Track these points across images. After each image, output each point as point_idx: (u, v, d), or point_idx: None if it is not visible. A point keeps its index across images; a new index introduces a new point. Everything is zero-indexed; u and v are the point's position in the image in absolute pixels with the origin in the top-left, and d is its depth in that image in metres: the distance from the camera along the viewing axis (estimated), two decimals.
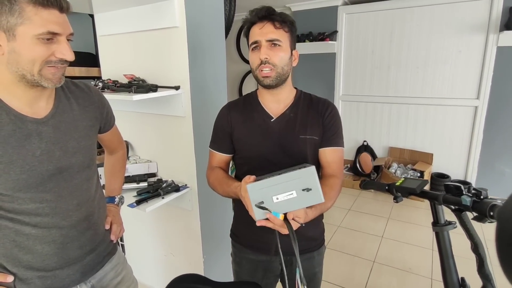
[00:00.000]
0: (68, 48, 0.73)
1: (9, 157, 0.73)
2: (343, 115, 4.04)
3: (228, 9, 2.03)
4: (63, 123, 0.83)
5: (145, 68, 1.58)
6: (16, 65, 0.69)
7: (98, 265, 0.94)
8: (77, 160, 0.85)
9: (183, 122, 1.51)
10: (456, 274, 0.79)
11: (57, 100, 0.83)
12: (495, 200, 0.65)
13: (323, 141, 1.02)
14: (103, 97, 0.98)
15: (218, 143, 1.10)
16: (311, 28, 3.88)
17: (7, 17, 0.65)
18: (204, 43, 1.51)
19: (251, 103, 1.07)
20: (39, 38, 0.68)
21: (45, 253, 0.81)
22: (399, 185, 0.83)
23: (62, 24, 0.71)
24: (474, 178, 3.40)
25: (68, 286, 0.86)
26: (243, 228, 1.12)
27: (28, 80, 0.72)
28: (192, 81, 1.45)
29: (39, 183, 0.77)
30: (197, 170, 1.54)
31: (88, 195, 0.89)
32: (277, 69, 0.95)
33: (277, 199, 0.76)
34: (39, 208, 0.78)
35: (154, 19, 1.45)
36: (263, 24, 0.93)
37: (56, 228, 0.82)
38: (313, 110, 1.04)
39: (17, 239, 0.78)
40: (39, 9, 0.67)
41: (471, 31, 3.14)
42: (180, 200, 1.57)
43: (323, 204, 0.88)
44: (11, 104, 0.74)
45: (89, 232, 0.89)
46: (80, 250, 0.87)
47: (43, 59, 0.70)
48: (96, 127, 0.95)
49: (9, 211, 0.75)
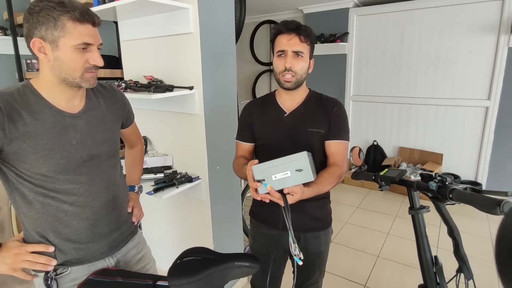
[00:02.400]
0: (99, 56, 0.88)
1: (52, 145, 0.87)
2: (353, 115, 4.11)
3: (238, 14, 2.17)
4: (93, 118, 0.97)
5: (163, 70, 1.74)
6: (60, 70, 0.84)
7: (122, 242, 1.07)
8: (104, 149, 0.99)
9: (196, 119, 1.66)
10: (430, 252, 0.89)
11: (88, 98, 0.98)
12: (457, 185, 0.75)
13: (329, 135, 1.15)
14: (124, 96, 1.13)
15: (242, 134, 1.27)
16: (323, 30, 3.96)
17: (52, 31, 0.80)
18: (216, 47, 1.65)
19: (269, 101, 1.24)
20: (76, 48, 0.82)
21: (79, 228, 0.94)
22: (383, 175, 0.94)
23: (94, 36, 0.85)
24: (484, 178, 3.40)
25: (98, 258, 1.00)
26: (259, 206, 1.27)
27: (68, 82, 0.86)
28: (204, 81, 1.59)
29: (75, 167, 0.91)
30: (208, 163, 1.68)
31: (114, 180, 1.03)
32: (297, 76, 1.11)
33: (275, 177, 0.93)
34: (75, 188, 0.92)
35: (171, 26, 1.60)
36: (291, 37, 1.08)
37: (89, 207, 0.95)
38: (321, 107, 1.18)
39: (57, 215, 0.91)
40: (77, 24, 0.81)
41: (482, 32, 3.15)
42: (193, 190, 1.72)
43: (320, 187, 1.03)
44: (52, 101, 0.88)
45: (115, 212, 1.03)
46: (108, 227, 1.00)
47: (82, 66, 0.85)
48: (119, 122, 1.09)
49: (51, 190, 0.89)
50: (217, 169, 1.75)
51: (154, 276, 0.97)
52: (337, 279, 2.19)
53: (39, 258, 0.90)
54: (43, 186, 0.88)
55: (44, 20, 0.79)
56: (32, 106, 0.84)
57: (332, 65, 4.05)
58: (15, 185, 0.88)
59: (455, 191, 0.73)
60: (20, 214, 0.92)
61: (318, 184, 1.02)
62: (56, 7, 0.79)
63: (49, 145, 0.86)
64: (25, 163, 0.84)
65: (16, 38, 2.50)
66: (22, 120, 0.82)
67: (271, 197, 0.95)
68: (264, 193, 0.96)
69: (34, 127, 0.84)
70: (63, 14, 0.79)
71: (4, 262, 0.87)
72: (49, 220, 0.91)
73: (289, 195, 0.94)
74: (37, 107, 0.85)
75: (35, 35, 0.81)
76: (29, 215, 0.90)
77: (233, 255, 0.90)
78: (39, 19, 0.79)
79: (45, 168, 0.86)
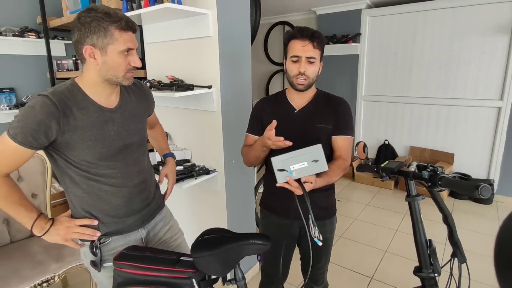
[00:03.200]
0: (138, 59, 1.01)
1: (95, 136, 1.00)
2: (365, 114, 4.17)
3: (254, 18, 2.29)
4: (127, 111, 1.10)
5: (183, 70, 1.89)
6: (106, 72, 0.97)
7: (151, 216, 1.22)
8: (136, 139, 1.13)
9: (214, 116, 1.79)
10: (424, 236, 0.99)
11: (122, 94, 1.10)
12: (446, 174, 0.85)
13: (335, 130, 1.26)
14: (150, 91, 1.29)
15: (252, 127, 1.37)
16: (335, 31, 4.04)
17: (102, 39, 0.93)
18: (232, 49, 1.78)
19: (280, 98, 1.34)
20: (121, 53, 0.96)
21: (117, 205, 1.09)
22: (383, 167, 1.04)
23: (134, 42, 0.99)
24: (497, 178, 3.40)
25: (132, 229, 1.16)
26: (270, 196, 1.38)
27: (111, 81, 1.00)
28: (222, 81, 1.72)
29: (113, 155, 1.05)
30: (224, 156, 1.82)
31: (144, 166, 1.18)
32: (309, 80, 1.21)
33: (293, 168, 1.03)
34: (113, 173, 1.06)
35: (191, 30, 1.74)
36: (306, 43, 1.16)
37: (125, 187, 1.10)
38: (328, 105, 1.28)
39: (99, 194, 1.06)
40: (122, 32, 0.94)
41: (495, 32, 3.16)
42: (209, 182, 1.85)
43: (329, 177, 1.14)
44: (94, 98, 1.01)
45: (145, 192, 1.18)
46: (140, 204, 1.16)
47: (125, 68, 0.99)
48: (147, 114, 1.24)
49: (94, 174, 1.04)
50: (232, 163, 1.88)
51: (178, 253, 1.11)
52: (345, 271, 2.28)
53: (86, 230, 1.05)
54: (87, 171, 1.03)
55: (96, 30, 0.92)
56: (79, 103, 0.98)
57: (344, 65, 4.12)
58: (64, 170, 1.03)
59: (444, 179, 0.83)
60: (68, 193, 1.07)
61: (328, 175, 1.12)
62: (105, 18, 0.91)
63: (93, 137, 1.00)
64: (74, 151, 0.99)
65: (49, 40, 2.70)
66: (72, 115, 0.96)
67: (288, 185, 1.04)
68: (282, 182, 1.05)
69: (81, 121, 0.98)
70: (111, 24, 0.92)
71: (58, 234, 1.02)
72: (93, 199, 1.07)
73: (306, 183, 1.03)
74: (83, 104, 0.99)
75: (86, 42, 0.94)
76: (76, 194, 1.06)
77: (248, 234, 1.02)
78: (91, 29, 0.92)
79: (89, 156, 1.01)
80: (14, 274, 1.53)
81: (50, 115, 0.91)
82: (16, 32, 2.67)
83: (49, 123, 0.91)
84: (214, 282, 1.05)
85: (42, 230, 1.01)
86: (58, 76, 2.75)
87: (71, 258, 1.70)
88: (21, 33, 2.69)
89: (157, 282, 1.01)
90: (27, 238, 1.84)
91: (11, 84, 2.80)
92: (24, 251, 1.70)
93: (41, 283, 1.57)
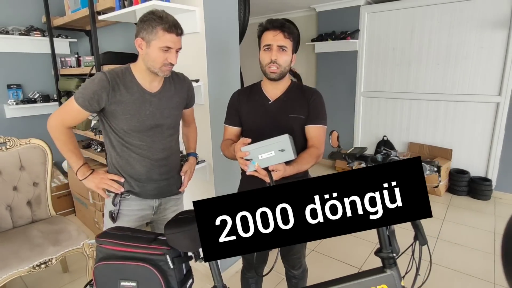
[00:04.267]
0: (175, 57, 1.21)
1: (133, 111, 1.24)
2: (364, 110, 4.18)
3: (242, 16, 2.35)
4: (164, 98, 1.32)
5: None
6: (147, 61, 1.20)
7: (167, 192, 1.42)
8: (167, 122, 1.33)
9: (202, 109, 1.87)
10: None
11: (164, 83, 1.33)
12: (397, 157, 0.90)
13: (308, 120, 1.31)
14: (191, 84, 1.47)
15: (230, 119, 1.43)
16: (334, 28, 4.07)
17: (148, 35, 1.16)
18: (220, 45, 1.85)
19: (255, 89, 1.40)
20: (160, 48, 1.17)
21: (140, 171, 1.32)
22: (348, 153, 1.09)
23: (175, 43, 1.19)
24: (495, 174, 3.39)
25: (148, 197, 1.36)
26: (246, 185, 1.46)
27: (151, 70, 1.22)
28: (209, 75, 1.80)
29: (144, 130, 1.28)
30: (212, 148, 1.89)
31: (170, 145, 1.38)
32: (281, 68, 1.26)
33: (261, 157, 1.09)
34: (141, 144, 1.29)
35: None
36: (276, 33, 1.23)
37: (148, 159, 1.32)
38: (302, 96, 1.33)
39: (128, 159, 1.30)
40: (165, 33, 1.16)
41: (493, 27, 3.15)
42: (199, 172, 1.93)
43: (300, 165, 1.19)
44: (140, 81, 1.25)
45: (165, 167, 1.37)
46: (158, 176, 1.36)
47: (162, 62, 1.19)
48: (184, 103, 1.43)
49: (127, 142, 1.28)
50: (220, 154, 1.95)
51: (156, 233, 1.19)
52: (333, 261, 2.33)
53: (114, 183, 1.31)
54: (122, 138, 1.28)
55: (146, 27, 1.16)
56: (127, 83, 1.23)
57: (343, 61, 4.14)
58: (107, 134, 1.30)
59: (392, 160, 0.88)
60: (108, 153, 1.35)
61: (298, 163, 1.18)
62: (156, 20, 1.15)
63: (131, 111, 1.24)
64: (115, 119, 1.25)
65: (53, 39, 2.84)
66: (119, 91, 1.21)
67: (258, 174, 1.10)
68: (252, 171, 1.12)
69: (125, 97, 1.22)
70: (159, 25, 1.15)
71: (93, 181, 1.29)
72: (123, 161, 1.32)
73: (274, 171, 1.09)
74: (130, 84, 1.24)
75: (139, 35, 1.19)
76: (112, 155, 1.32)
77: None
78: (144, 26, 1.16)
79: (126, 126, 1.26)
80: (14, 255, 1.65)
81: (103, 88, 1.18)
82: (22, 31, 2.81)
83: (101, 94, 1.18)
84: (189, 259, 1.13)
85: (83, 176, 1.29)
86: (62, 73, 2.88)
87: (68, 242, 1.81)
88: (27, 32, 2.83)
89: (135, 257, 1.09)
90: (28, 224, 1.97)
91: (18, 81, 2.95)
92: (24, 235, 1.81)
93: (39, 264, 1.68)
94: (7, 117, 2.92)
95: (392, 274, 0.98)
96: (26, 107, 2.90)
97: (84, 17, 2.36)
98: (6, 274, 1.58)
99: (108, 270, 1.07)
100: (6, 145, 1.91)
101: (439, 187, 3.40)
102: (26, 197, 1.97)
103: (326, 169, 4.42)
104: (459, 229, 2.80)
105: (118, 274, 1.06)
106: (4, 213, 1.89)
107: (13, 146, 1.93)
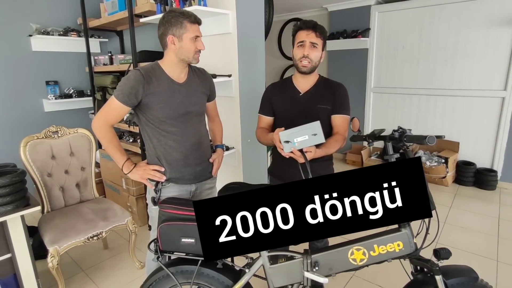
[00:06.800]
0: (202, 44, 1.37)
1: (166, 100, 1.37)
2: (374, 105, 4.37)
3: (267, 16, 2.56)
4: (191, 87, 1.45)
5: (207, 62, 2.19)
6: (181, 54, 1.35)
7: (202, 176, 1.55)
8: (195, 109, 1.46)
9: (233, 101, 2.09)
10: None
11: (189, 74, 1.46)
12: (410, 134, 1.12)
13: (333, 110, 1.50)
14: (211, 78, 1.60)
15: (264, 109, 1.59)
16: (345, 26, 4.26)
17: (179, 30, 1.31)
18: (249, 44, 2.07)
19: (287, 83, 1.57)
20: (191, 39, 1.32)
21: (177, 158, 1.44)
22: (368, 134, 1.29)
23: (199, 31, 1.36)
24: (500, 166, 3.54)
25: (186, 182, 1.49)
26: (277, 166, 1.63)
27: (184, 61, 1.37)
28: (240, 71, 2.02)
29: (177, 117, 1.40)
30: (241, 136, 2.12)
31: (200, 131, 1.51)
32: (312, 63, 1.45)
33: (296, 140, 1.27)
34: (175, 131, 1.41)
35: (214, 28, 2.05)
36: (309, 32, 1.41)
37: (183, 145, 1.44)
38: (328, 89, 1.52)
39: (165, 147, 1.42)
40: (192, 25, 1.32)
41: (499, 24, 3.30)
42: (228, 157, 2.16)
43: (327, 149, 1.37)
44: (169, 73, 1.39)
45: (199, 152, 1.50)
46: (194, 161, 1.49)
47: (194, 50, 1.35)
48: (207, 95, 1.55)
49: (162, 130, 1.40)
50: (248, 142, 2.18)
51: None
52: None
53: (156, 173, 1.42)
54: (158, 127, 1.40)
55: (175, 23, 1.30)
56: (158, 76, 1.37)
57: (354, 59, 4.33)
58: (144, 126, 1.42)
59: (407, 136, 1.09)
60: (147, 145, 1.46)
61: (326, 147, 1.36)
62: (180, 15, 1.31)
63: (164, 100, 1.37)
64: (151, 110, 1.37)
65: (88, 39, 3.08)
66: (152, 83, 1.34)
67: (293, 155, 1.25)
68: (288, 152, 1.29)
69: (158, 88, 1.35)
70: (185, 19, 1.31)
71: (137, 173, 1.41)
72: (161, 150, 1.43)
73: (307, 153, 1.28)
74: (160, 76, 1.37)
75: (169, 33, 1.32)
76: (150, 145, 1.44)
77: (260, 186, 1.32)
78: (171, 23, 1.30)
79: (161, 114, 1.38)
80: (71, 228, 1.89)
81: (139, 82, 1.31)
82: (61, 32, 3.07)
83: (137, 87, 1.31)
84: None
85: (128, 170, 1.40)
86: (96, 70, 3.13)
87: (114, 219, 2.06)
88: (64, 33, 3.08)
89: (191, 219, 1.31)
90: (77, 203, 2.22)
91: (56, 78, 3.21)
92: (77, 212, 2.06)
93: (92, 236, 1.92)
94: (45, 111, 3.18)
95: (406, 232, 1.15)
96: (63, 102, 3.16)
97: (119, 19, 2.59)
98: (66, 243, 1.82)
99: (170, 229, 1.30)
100: (58, 134, 2.16)
101: (446, 178, 3.57)
102: (75, 179, 2.22)
103: (336, 162, 4.62)
104: (465, 214, 2.98)
105: (180, 233, 1.28)
106: (57, 193, 2.14)
107: (63, 134, 2.18)
